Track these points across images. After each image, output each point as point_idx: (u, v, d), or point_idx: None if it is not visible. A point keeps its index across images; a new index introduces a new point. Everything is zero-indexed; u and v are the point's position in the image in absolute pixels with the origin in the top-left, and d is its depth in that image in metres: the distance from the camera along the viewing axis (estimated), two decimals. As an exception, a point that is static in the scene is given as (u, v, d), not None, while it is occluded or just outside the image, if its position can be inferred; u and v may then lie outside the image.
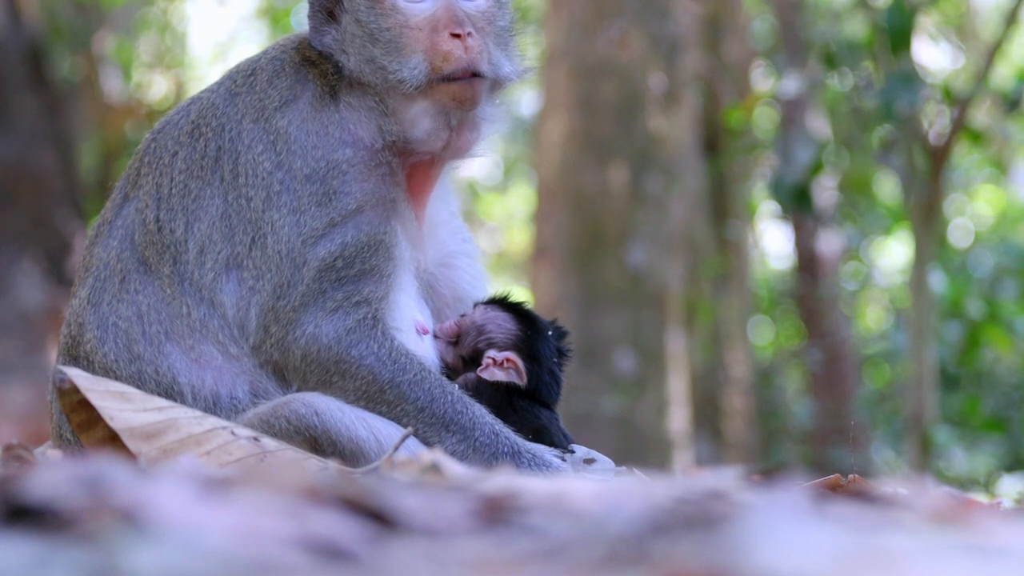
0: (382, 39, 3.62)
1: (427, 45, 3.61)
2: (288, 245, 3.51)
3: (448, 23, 3.61)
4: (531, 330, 3.80)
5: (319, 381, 3.48)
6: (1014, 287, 14.04)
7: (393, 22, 3.63)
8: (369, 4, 3.65)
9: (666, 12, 9.64)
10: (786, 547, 1.39)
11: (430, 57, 3.60)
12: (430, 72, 3.59)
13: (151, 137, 3.77)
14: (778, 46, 14.78)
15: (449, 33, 3.60)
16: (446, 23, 3.61)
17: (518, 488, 1.93)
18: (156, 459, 2.95)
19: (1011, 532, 1.60)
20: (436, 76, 3.60)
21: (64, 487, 1.54)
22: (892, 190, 15.77)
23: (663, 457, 9.05)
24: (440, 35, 3.60)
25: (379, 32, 3.63)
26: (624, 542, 1.50)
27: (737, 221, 13.12)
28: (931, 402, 9.04)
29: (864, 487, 2.88)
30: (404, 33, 3.62)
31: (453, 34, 3.60)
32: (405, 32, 3.62)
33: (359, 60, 3.64)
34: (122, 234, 3.65)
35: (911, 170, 9.02)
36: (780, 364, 16.43)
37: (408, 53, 3.61)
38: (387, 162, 3.62)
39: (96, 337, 3.56)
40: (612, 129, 9.49)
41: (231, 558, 1.37)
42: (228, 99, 3.69)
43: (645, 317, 9.30)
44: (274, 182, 3.56)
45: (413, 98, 3.62)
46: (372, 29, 3.63)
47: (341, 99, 3.65)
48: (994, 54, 9.37)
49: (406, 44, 3.61)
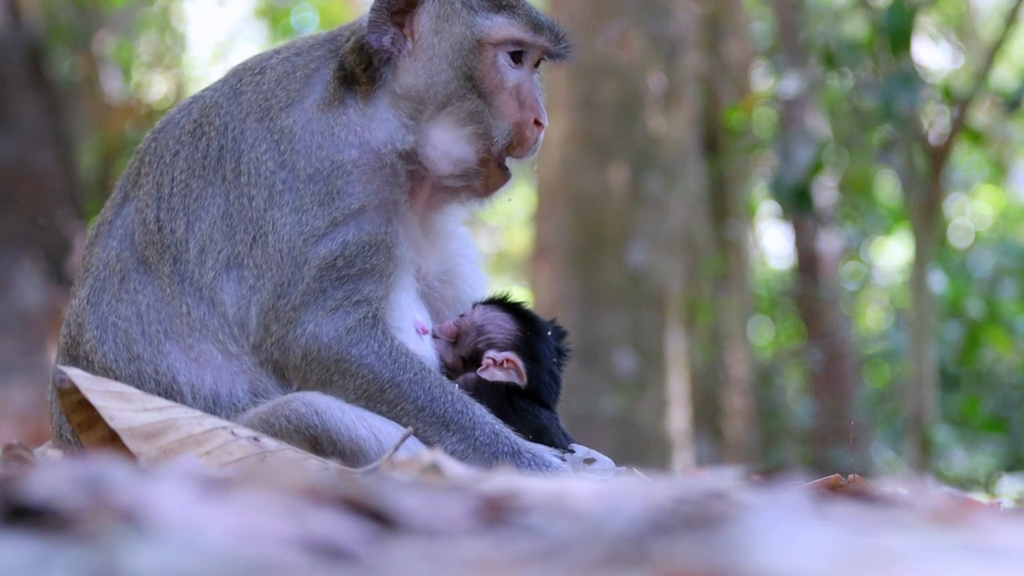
0: (478, 89, 3.63)
1: (517, 119, 3.65)
2: (289, 244, 3.50)
3: (534, 106, 3.66)
4: (530, 330, 3.80)
5: (319, 380, 3.48)
6: (1014, 287, 14.04)
7: (491, 79, 3.64)
8: (475, 47, 3.64)
9: (666, 12, 9.64)
10: (786, 547, 1.39)
11: (516, 133, 3.65)
12: (505, 148, 3.65)
13: (152, 136, 3.77)
14: (778, 46, 14.78)
15: (535, 119, 3.66)
16: (532, 105, 3.66)
17: (518, 488, 1.93)
18: (156, 459, 2.95)
19: (1011, 532, 1.60)
20: (501, 155, 3.64)
21: (64, 487, 1.54)
22: (892, 190, 15.77)
23: (663, 457, 9.04)
24: (527, 115, 3.65)
25: (477, 80, 3.63)
26: (624, 542, 1.50)
27: (737, 221, 13.11)
28: (931, 402, 9.04)
29: (864, 487, 2.88)
30: (499, 95, 3.64)
31: (538, 122, 3.66)
32: (500, 95, 3.65)
33: (430, 83, 3.63)
34: (122, 234, 3.65)
35: (911, 170, 9.02)
36: (780, 364, 16.43)
37: (502, 116, 3.64)
38: (392, 165, 3.62)
39: (95, 337, 3.56)
40: (612, 129, 9.49)
41: (231, 558, 1.37)
42: (232, 98, 3.68)
43: (645, 317, 9.30)
44: (277, 181, 3.55)
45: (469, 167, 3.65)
46: (467, 73, 3.63)
47: (350, 104, 3.63)
48: (994, 54, 9.37)
49: (499, 108, 3.64)
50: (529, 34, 3.69)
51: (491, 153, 3.64)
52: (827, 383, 15.22)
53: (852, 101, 10.81)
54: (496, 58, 3.65)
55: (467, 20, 3.65)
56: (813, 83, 11.05)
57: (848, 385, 15.22)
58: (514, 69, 3.68)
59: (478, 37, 3.64)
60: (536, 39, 3.70)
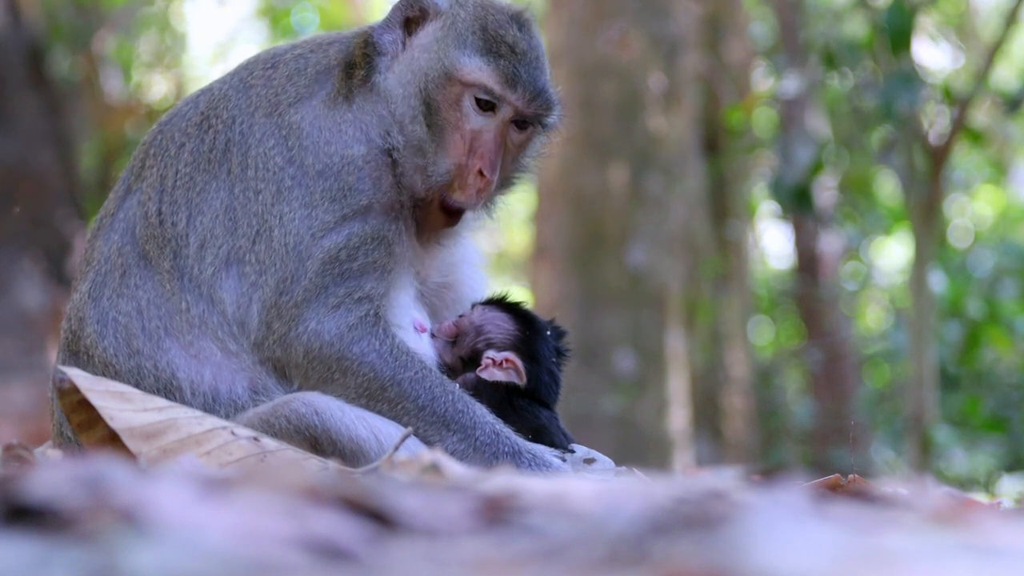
0: (434, 117, 3.61)
1: (461, 162, 3.61)
2: (296, 238, 3.50)
3: (485, 157, 3.61)
4: (530, 330, 3.80)
5: (321, 378, 3.47)
6: (1014, 287, 14.03)
7: (449, 116, 3.61)
8: (443, 79, 3.61)
9: (666, 12, 9.63)
10: (786, 547, 1.39)
11: (455, 175, 3.61)
12: (444, 186, 3.62)
13: (158, 128, 3.76)
14: (778, 46, 14.78)
15: (479, 168, 3.61)
16: (483, 154, 3.61)
17: (518, 488, 1.93)
18: (156, 459, 2.95)
19: (1011, 532, 1.60)
20: (442, 192, 3.63)
21: (64, 487, 1.54)
22: (892, 190, 15.77)
23: (663, 457, 9.04)
24: (472, 163, 3.61)
25: (436, 110, 3.60)
26: (624, 542, 1.50)
27: (737, 221, 13.11)
28: (931, 402, 9.04)
29: (864, 487, 2.87)
30: (452, 134, 3.61)
31: (481, 172, 3.61)
32: (454, 134, 3.61)
33: (401, 92, 3.62)
34: (124, 227, 3.65)
35: (911, 170, 9.02)
36: (780, 364, 16.43)
37: (446, 154, 3.61)
38: (394, 162, 3.61)
39: (96, 332, 3.56)
40: (612, 129, 9.49)
41: (231, 558, 1.37)
42: (241, 91, 3.68)
43: (645, 317, 9.30)
44: (285, 177, 3.55)
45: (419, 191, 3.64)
46: (430, 100, 3.61)
47: (355, 100, 3.64)
48: (994, 54, 9.37)
49: (448, 145, 3.61)
50: (499, 86, 3.62)
51: (430, 189, 3.62)
52: (827, 383, 15.22)
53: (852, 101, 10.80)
54: (462, 97, 3.61)
55: (450, 51, 3.62)
56: (813, 83, 11.05)
57: (848, 385, 15.22)
58: (479, 116, 3.63)
59: (448, 70, 3.61)
60: (505, 93, 3.62)
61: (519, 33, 3.67)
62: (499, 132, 3.65)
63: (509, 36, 3.65)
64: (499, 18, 3.67)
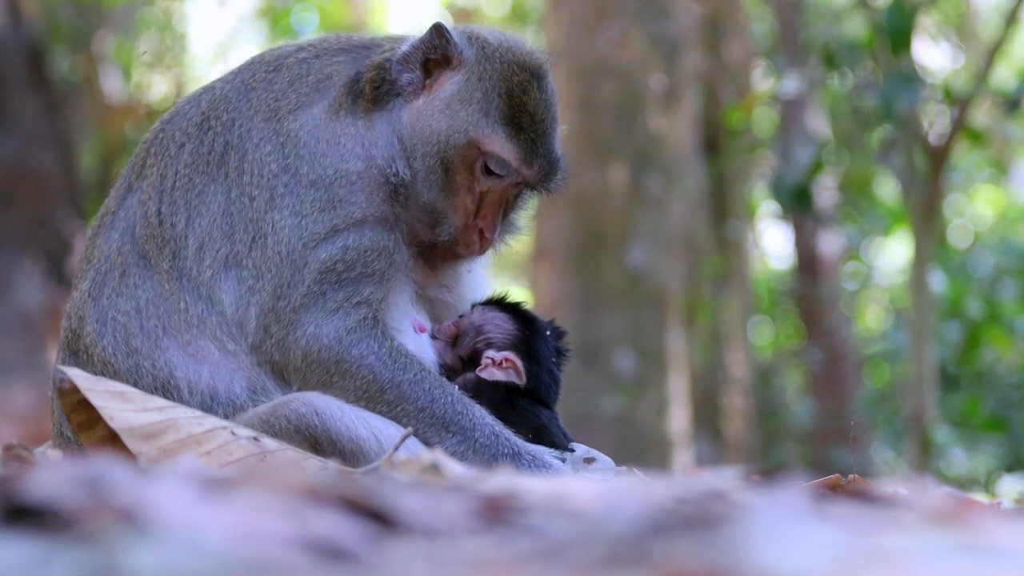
0: (446, 174, 3.61)
1: (465, 223, 3.64)
2: (288, 247, 3.50)
3: (487, 221, 3.65)
4: (529, 330, 3.80)
5: (320, 381, 3.47)
6: (1014, 287, 14.03)
7: (461, 177, 3.61)
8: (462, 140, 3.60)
9: (666, 12, 9.63)
10: (786, 547, 1.39)
11: (460, 235, 3.64)
12: (448, 239, 3.64)
13: (159, 126, 3.75)
14: (778, 46, 14.78)
15: (481, 229, 3.65)
16: (485, 215, 3.65)
17: (518, 488, 1.93)
18: (156, 459, 2.95)
19: (1011, 532, 1.60)
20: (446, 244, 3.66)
21: (64, 487, 1.54)
22: (892, 190, 15.76)
23: (663, 457, 9.04)
24: (474, 223, 3.64)
25: (448, 167, 3.60)
26: (624, 542, 1.50)
27: (737, 221, 13.11)
28: (931, 402, 9.04)
29: (864, 487, 2.87)
30: (460, 194, 3.63)
31: (483, 233, 3.65)
32: (462, 194, 3.63)
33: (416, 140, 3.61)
34: (124, 226, 3.64)
35: (911, 170, 9.02)
36: (780, 364, 16.42)
37: (452, 214, 3.63)
38: (394, 185, 3.59)
39: (95, 331, 3.56)
40: (612, 129, 9.49)
41: (231, 558, 1.37)
42: (243, 93, 3.66)
43: (645, 317, 9.30)
44: (279, 184, 3.54)
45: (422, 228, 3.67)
46: (445, 157, 3.60)
47: (361, 116, 3.61)
48: (994, 54, 9.37)
49: (456, 205, 3.63)
50: (517, 162, 3.63)
51: (434, 241, 3.65)
52: (827, 383, 15.21)
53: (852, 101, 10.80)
54: (476, 162, 3.62)
55: (475, 116, 3.61)
56: (813, 83, 11.05)
57: (848, 385, 15.22)
58: (488, 179, 3.64)
59: (474, 138, 3.60)
60: (522, 169, 3.65)
61: (539, 95, 3.68)
62: (503, 194, 3.69)
63: (531, 103, 3.65)
64: (522, 79, 3.65)
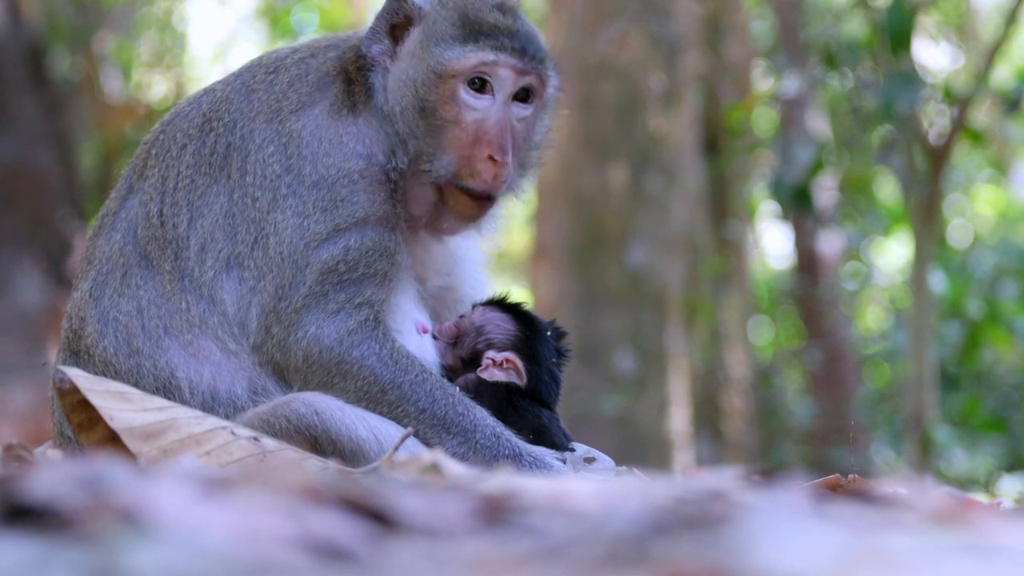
0: (428, 119, 3.57)
1: (464, 152, 3.56)
2: (290, 247, 3.50)
3: (493, 141, 3.55)
4: (530, 330, 3.80)
5: (320, 382, 3.47)
6: (1014, 287, 14.03)
7: (447, 111, 3.57)
8: (432, 78, 3.57)
9: (666, 12, 9.64)
10: (786, 547, 1.39)
11: (460, 165, 3.57)
12: (453, 177, 3.58)
13: (160, 128, 3.75)
14: (778, 46, 14.78)
15: (488, 154, 3.56)
16: (491, 140, 3.55)
17: (518, 488, 1.93)
18: (156, 459, 2.95)
19: (1011, 532, 1.60)
20: (456, 183, 3.58)
21: (64, 487, 1.54)
22: (892, 190, 15.76)
23: (663, 457, 9.04)
24: (481, 150, 3.56)
25: (431, 112, 3.57)
26: (624, 542, 1.50)
27: (737, 221, 13.11)
28: (931, 402, 9.04)
29: (864, 487, 2.87)
30: (451, 128, 3.57)
31: (492, 157, 3.56)
32: (452, 128, 3.57)
33: (397, 106, 3.59)
34: (125, 226, 3.64)
35: (911, 170, 9.02)
36: (780, 364, 16.42)
37: (446, 149, 3.57)
38: (394, 180, 3.60)
39: (96, 331, 3.56)
40: (612, 129, 9.49)
41: (231, 558, 1.37)
42: (244, 95, 3.66)
43: (645, 317, 9.30)
44: (281, 185, 3.54)
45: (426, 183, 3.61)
46: (425, 104, 3.57)
47: (360, 113, 3.61)
48: (994, 54, 9.37)
49: (447, 140, 3.57)
50: (489, 55, 3.57)
51: (439, 182, 3.59)
52: (827, 383, 15.21)
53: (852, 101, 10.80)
54: (455, 90, 3.58)
55: (433, 49, 3.59)
56: (813, 83, 11.05)
57: (848, 385, 15.22)
58: (477, 100, 3.58)
59: (435, 69, 3.57)
60: (498, 58, 3.57)
61: (502, 16, 3.62)
62: (502, 113, 3.60)
63: (491, 18, 3.60)
64: (479, 5, 3.62)
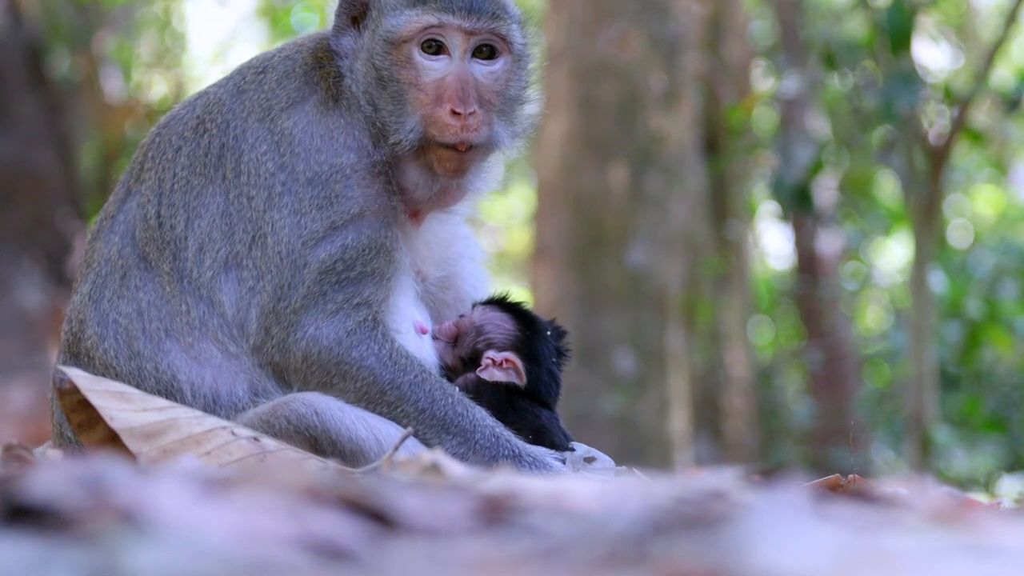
0: (389, 88, 3.59)
1: (427, 112, 3.57)
2: (288, 246, 3.50)
3: (452, 96, 3.56)
4: (530, 330, 3.80)
5: (320, 383, 3.47)
6: (1014, 287, 14.03)
7: (404, 76, 3.59)
8: (386, 47, 3.60)
9: (666, 12, 9.63)
10: (786, 547, 1.39)
11: (426, 124, 3.58)
12: (423, 137, 3.58)
13: (156, 131, 3.77)
14: (778, 46, 14.78)
15: (451, 109, 3.56)
16: (450, 95, 3.57)
17: (518, 488, 1.93)
18: (156, 459, 2.96)
19: (1011, 532, 1.60)
20: (429, 141, 3.59)
21: (64, 487, 1.54)
22: (892, 190, 15.76)
23: (663, 457, 9.04)
24: (442, 107, 3.57)
25: (389, 80, 3.59)
26: (624, 542, 1.50)
27: (737, 221, 13.11)
28: (931, 402, 9.04)
29: (864, 487, 2.88)
30: (410, 92, 3.59)
31: (454, 111, 3.56)
32: (412, 91, 3.59)
33: (362, 87, 3.62)
34: (124, 229, 3.65)
35: (911, 170, 9.02)
36: (780, 364, 16.42)
37: (408, 112, 3.58)
38: (387, 171, 3.61)
39: (96, 334, 3.56)
40: (612, 129, 9.49)
41: (231, 558, 1.37)
42: (235, 96, 3.68)
43: (645, 317, 9.30)
44: (276, 183, 3.55)
45: (404, 154, 3.61)
46: (383, 74, 3.60)
47: (343, 106, 3.64)
48: (994, 54, 9.37)
49: (409, 103, 3.58)
50: (434, 16, 3.59)
51: (413, 146, 3.57)
52: (827, 383, 15.21)
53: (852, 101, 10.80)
54: (410, 54, 3.60)
55: (381, 22, 3.62)
56: (813, 83, 11.05)
57: (848, 385, 15.22)
58: (433, 61, 3.60)
59: (385, 38, 3.60)
60: (442, 19, 3.58)
61: None
62: (460, 69, 3.60)
63: None
64: None
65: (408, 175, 3.64)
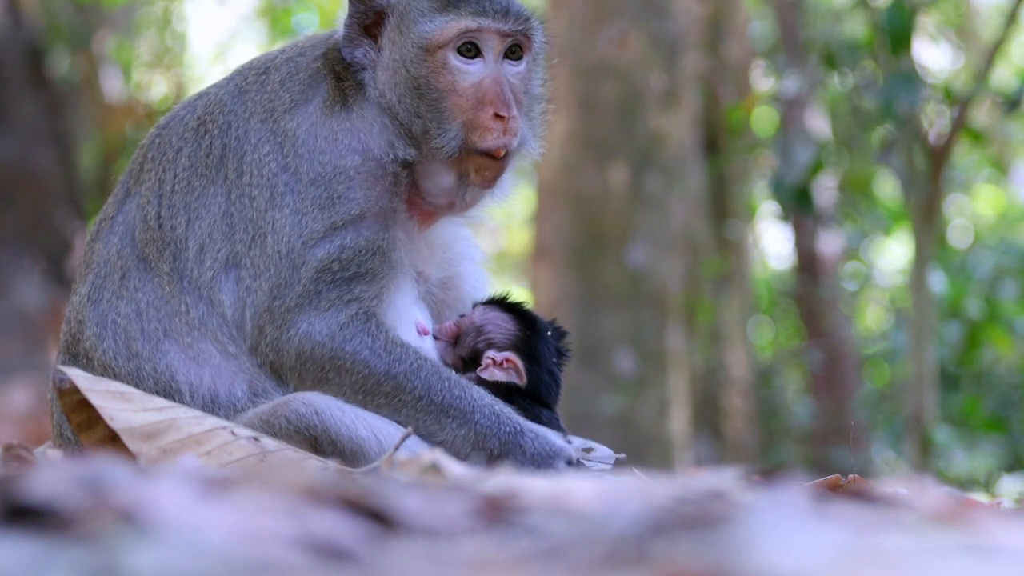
0: (427, 96, 3.60)
1: (469, 117, 3.59)
2: (288, 245, 3.50)
3: (494, 100, 3.59)
4: (530, 330, 3.80)
5: (315, 379, 3.47)
6: (1014, 287, 14.03)
7: (441, 82, 3.60)
8: (420, 54, 3.61)
9: (666, 12, 9.63)
10: (786, 547, 1.39)
11: (468, 130, 3.59)
12: (465, 144, 3.59)
13: (156, 132, 3.77)
14: (778, 46, 14.78)
15: (494, 113, 3.58)
16: (492, 99, 3.59)
17: (518, 488, 1.93)
18: (156, 459, 2.96)
19: (1011, 532, 1.60)
20: (470, 148, 3.60)
21: (64, 487, 1.54)
22: (892, 190, 15.76)
23: (663, 457, 9.04)
24: (485, 111, 3.58)
25: (426, 87, 3.60)
26: (624, 542, 1.50)
27: (737, 221, 13.11)
28: (931, 402, 9.04)
29: (864, 487, 2.88)
30: (450, 97, 3.60)
31: (497, 115, 3.58)
32: (451, 97, 3.60)
33: (395, 96, 3.62)
34: (123, 230, 3.65)
35: (911, 170, 9.02)
36: (780, 364, 16.42)
37: (449, 119, 3.59)
38: (393, 173, 3.61)
39: (95, 334, 3.56)
40: (612, 129, 9.49)
41: (231, 558, 1.37)
42: (237, 96, 3.68)
43: (645, 317, 9.30)
44: (279, 183, 3.55)
45: (444, 159, 3.62)
46: (419, 82, 3.60)
47: (353, 108, 3.63)
48: (994, 54, 9.37)
49: (449, 109, 3.59)
50: (472, 21, 3.61)
51: (455, 154, 3.59)
52: (827, 383, 15.21)
53: (852, 101, 10.80)
54: (446, 59, 3.61)
55: (412, 29, 3.62)
56: (813, 83, 11.05)
57: (848, 385, 15.22)
58: (470, 64, 3.62)
59: (419, 44, 3.60)
60: (480, 23, 3.60)
61: None
62: (497, 72, 3.63)
63: None
64: None
65: (436, 179, 3.64)
